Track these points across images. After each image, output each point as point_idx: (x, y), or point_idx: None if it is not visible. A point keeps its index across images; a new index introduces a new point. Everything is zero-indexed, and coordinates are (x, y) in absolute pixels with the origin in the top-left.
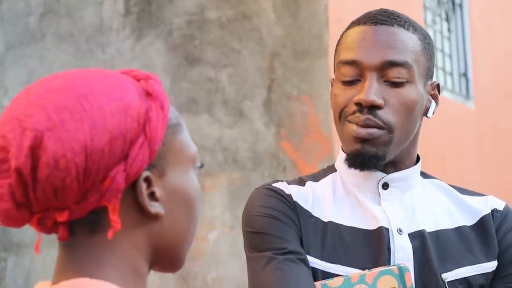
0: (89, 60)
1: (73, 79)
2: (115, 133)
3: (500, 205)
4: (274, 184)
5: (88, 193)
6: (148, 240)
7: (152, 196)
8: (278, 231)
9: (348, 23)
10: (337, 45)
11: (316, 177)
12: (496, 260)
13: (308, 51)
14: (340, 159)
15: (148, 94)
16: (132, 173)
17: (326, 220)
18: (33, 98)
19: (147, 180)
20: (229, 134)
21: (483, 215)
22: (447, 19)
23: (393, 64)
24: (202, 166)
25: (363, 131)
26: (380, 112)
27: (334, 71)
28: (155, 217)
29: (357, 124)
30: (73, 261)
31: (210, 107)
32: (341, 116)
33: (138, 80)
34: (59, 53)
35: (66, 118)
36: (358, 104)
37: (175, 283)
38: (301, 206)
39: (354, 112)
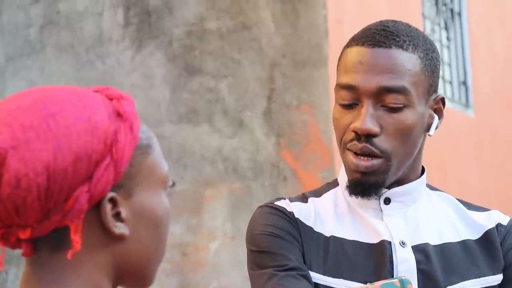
0: (89, 71)
1: (43, 97)
2: (80, 154)
3: (504, 220)
4: (277, 202)
5: (51, 212)
6: (113, 260)
7: (117, 216)
8: (280, 249)
9: (347, 32)
10: (338, 60)
11: (319, 193)
12: (502, 274)
13: (308, 61)
14: (342, 175)
15: (119, 115)
16: (96, 194)
17: (328, 235)
18: (3, 115)
19: (113, 200)
20: (229, 144)
21: (487, 229)
22: (446, 28)
23: (389, 90)
24: (174, 185)
25: (362, 165)
26: (376, 140)
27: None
28: (120, 237)
29: (355, 152)
30: (37, 278)
31: (210, 117)
32: (341, 142)
33: (111, 100)
34: (59, 64)
35: (31, 137)
36: (355, 132)
37: None
38: (303, 223)
39: (352, 140)
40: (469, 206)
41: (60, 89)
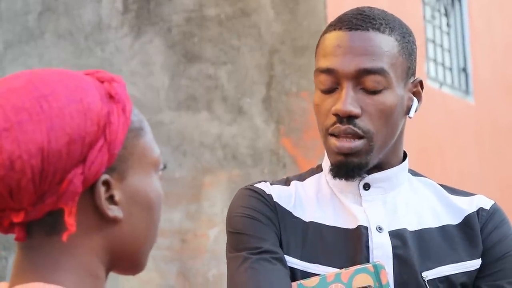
0: (88, 58)
1: (35, 79)
2: (73, 136)
3: (487, 204)
4: (256, 185)
5: (45, 195)
6: (106, 244)
7: (111, 199)
8: (255, 231)
9: None
10: (316, 47)
11: (303, 177)
12: (480, 259)
13: (307, 48)
14: (326, 160)
15: (111, 97)
16: (90, 176)
17: (307, 220)
18: None
19: (106, 183)
20: (228, 131)
21: (468, 213)
22: (446, 14)
23: (368, 71)
24: (165, 167)
25: (345, 146)
26: (358, 121)
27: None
28: (114, 220)
29: (338, 135)
30: (30, 263)
31: (210, 104)
32: (323, 128)
33: (102, 82)
34: (58, 51)
35: (24, 119)
36: (336, 115)
37: (175, 280)
38: (281, 207)
39: (334, 124)
40: (453, 191)
41: (50, 72)
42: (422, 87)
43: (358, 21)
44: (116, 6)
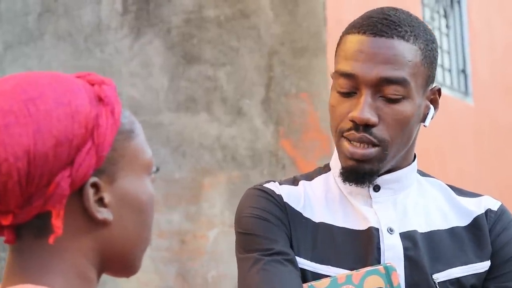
0: (88, 59)
1: (23, 82)
2: (60, 138)
3: (494, 205)
4: (265, 185)
5: (32, 197)
6: (97, 246)
7: (100, 201)
8: (266, 232)
9: (346, 20)
10: (337, 46)
11: (310, 176)
12: (489, 260)
13: (307, 49)
14: (335, 160)
15: (100, 100)
16: (78, 178)
17: (317, 221)
18: None
19: (95, 185)
20: (228, 133)
21: (476, 215)
22: (446, 16)
23: (389, 81)
24: (157, 170)
25: (358, 152)
26: (374, 130)
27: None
28: (103, 223)
29: (352, 141)
30: (20, 265)
31: (209, 105)
32: (337, 130)
33: (93, 85)
34: (58, 52)
35: (11, 122)
36: (353, 121)
37: (174, 281)
38: (291, 207)
39: (349, 129)
40: (460, 192)
41: (40, 75)
42: (439, 95)
43: (384, 26)
44: (116, 8)
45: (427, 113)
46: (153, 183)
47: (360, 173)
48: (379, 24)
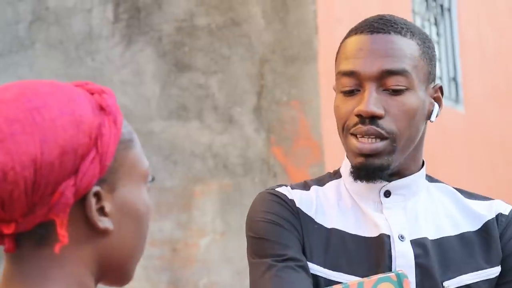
0: (79, 67)
1: (27, 90)
2: (66, 147)
3: (506, 209)
4: (278, 189)
5: (36, 206)
6: (96, 255)
7: (101, 211)
8: (279, 237)
9: (337, 28)
10: (337, 54)
11: (322, 181)
12: (500, 266)
13: (298, 57)
14: (345, 166)
15: (102, 109)
16: (82, 188)
17: (329, 227)
18: None
19: (97, 195)
20: (219, 141)
21: (487, 220)
22: (436, 24)
23: (391, 72)
24: (153, 179)
25: (366, 147)
26: (381, 122)
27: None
28: (104, 232)
29: (360, 134)
30: (19, 274)
31: (200, 113)
32: (344, 128)
33: (92, 94)
34: (49, 60)
35: (17, 130)
36: (359, 115)
37: None
38: (304, 212)
39: (356, 124)
40: (470, 195)
41: (41, 83)
42: (442, 93)
43: (380, 24)
44: (107, 16)
45: (432, 110)
46: (148, 192)
47: (371, 169)
48: (375, 23)
